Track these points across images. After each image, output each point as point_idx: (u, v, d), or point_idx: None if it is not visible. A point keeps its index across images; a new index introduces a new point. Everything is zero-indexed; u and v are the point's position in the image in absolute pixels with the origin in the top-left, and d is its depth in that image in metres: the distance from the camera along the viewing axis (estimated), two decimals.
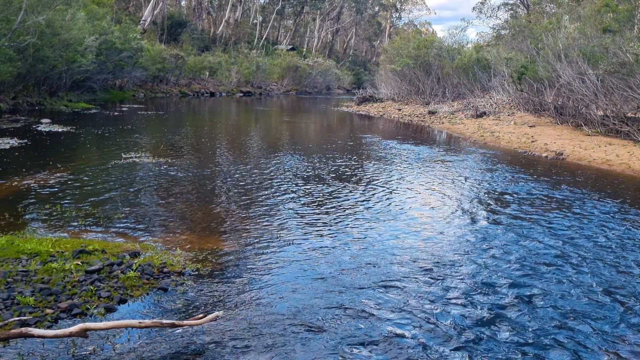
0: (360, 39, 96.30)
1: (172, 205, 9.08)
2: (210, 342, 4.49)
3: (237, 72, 53.31)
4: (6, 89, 23.70)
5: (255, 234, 7.61)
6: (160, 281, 5.68)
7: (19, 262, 5.88)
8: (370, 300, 5.45)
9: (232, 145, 17.51)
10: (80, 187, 9.93)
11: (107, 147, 15.23)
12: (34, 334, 4.15)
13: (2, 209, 8.26)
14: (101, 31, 30.41)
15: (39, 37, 22.66)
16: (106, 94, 34.29)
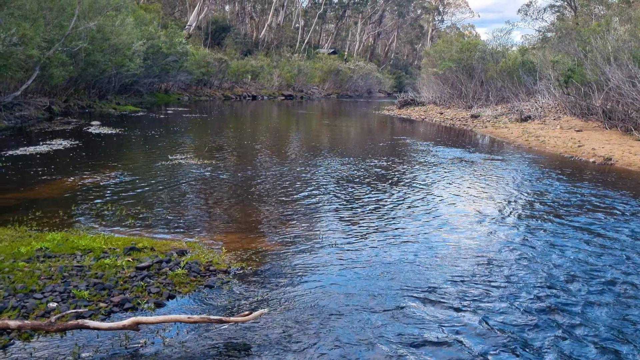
0: (402, 42, 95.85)
1: (217, 206, 9.30)
2: (256, 338, 4.61)
3: (278, 76, 53.85)
4: (59, 92, 24.65)
5: (298, 234, 7.73)
6: (206, 279, 5.85)
7: (74, 258, 6.15)
8: (415, 302, 5.48)
9: (274, 147, 17.74)
10: (129, 187, 10.27)
11: (153, 149, 15.68)
12: (89, 325, 4.36)
13: (56, 207, 8.63)
14: (148, 36, 31.26)
15: (90, 42, 23.48)
16: (152, 97, 35.21)
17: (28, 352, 4.27)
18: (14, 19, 16.91)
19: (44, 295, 5.14)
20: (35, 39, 18.28)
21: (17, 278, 5.44)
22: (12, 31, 16.16)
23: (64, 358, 4.19)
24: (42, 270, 5.69)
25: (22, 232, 7.14)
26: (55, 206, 8.68)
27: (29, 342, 4.42)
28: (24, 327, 4.32)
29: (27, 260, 5.95)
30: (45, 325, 4.31)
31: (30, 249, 6.25)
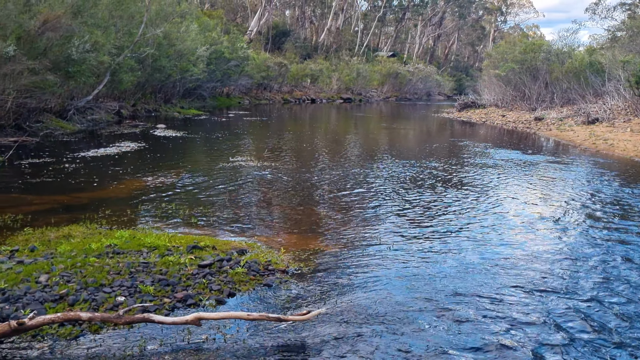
0: (463, 44, 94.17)
1: (276, 207, 9.46)
2: (313, 337, 4.67)
3: (337, 79, 54.08)
4: (127, 97, 25.72)
5: (355, 236, 7.76)
6: (265, 278, 5.97)
7: (140, 255, 6.42)
8: (472, 307, 5.39)
9: (332, 150, 17.84)
10: (192, 188, 10.60)
11: (215, 151, 16.10)
12: (154, 319, 4.54)
13: (124, 206, 9.03)
14: (211, 42, 32.14)
15: (157, 48, 24.40)
16: (214, 101, 36.15)
17: (98, 343, 4.49)
18: (87, 27, 17.80)
19: (112, 289, 5.39)
20: (106, 46, 19.16)
21: (88, 272, 5.73)
22: (86, 39, 17.01)
23: (130, 350, 4.38)
24: (111, 265, 5.97)
25: (93, 230, 7.51)
26: (124, 205, 9.08)
27: (98, 333, 4.65)
28: (94, 319, 4.54)
29: (97, 256, 6.25)
30: (113, 318, 4.52)
31: (100, 246, 6.57)
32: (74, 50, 16.47)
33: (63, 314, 4.54)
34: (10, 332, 4.28)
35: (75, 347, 4.40)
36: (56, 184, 10.63)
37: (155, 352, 4.36)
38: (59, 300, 5.11)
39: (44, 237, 7.11)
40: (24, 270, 5.70)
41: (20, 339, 4.44)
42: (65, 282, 5.49)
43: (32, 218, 8.04)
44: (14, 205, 8.75)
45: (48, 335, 4.54)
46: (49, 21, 15.34)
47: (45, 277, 5.57)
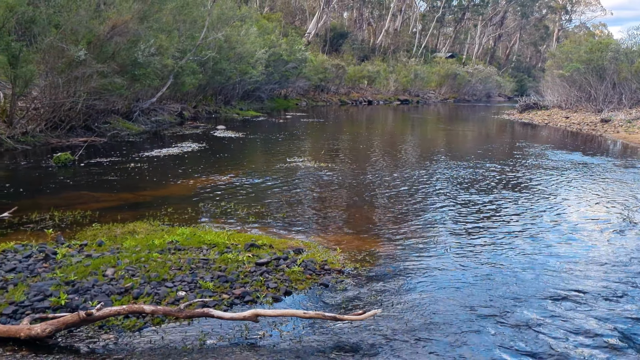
0: (525, 44, 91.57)
1: (332, 207, 9.50)
2: (368, 338, 4.67)
3: (395, 81, 53.72)
4: (189, 99, 26.48)
5: (412, 238, 7.69)
6: (321, 277, 6.01)
7: (201, 251, 6.60)
8: (531, 312, 5.24)
9: (389, 151, 17.74)
10: (250, 187, 10.80)
11: (273, 152, 16.33)
12: (213, 314, 4.65)
13: (185, 204, 9.31)
14: (270, 44, 32.63)
15: (218, 51, 25.00)
16: (272, 103, 36.65)
17: (160, 335, 4.64)
18: (152, 32, 18.46)
19: (174, 284, 5.57)
20: (170, 50, 19.80)
21: (151, 267, 5.94)
22: (151, 42, 17.64)
23: (190, 344, 4.51)
24: (173, 261, 6.16)
25: (156, 226, 7.78)
26: (185, 203, 9.36)
27: (160, 326, 4.81)
28: (156, 312, 4.70)
29: (160, 251, 6.47)
30: (175, 312, 4.67)
31: (162, 242, 6.79)
32: (139, 54, 17.11)
33: (128, 306, 4.73)
34: (79, 322, 4.49)
35: (138, 339, 4.57)
36: (122, 182, 11.08)
37: (214, 347, 4.47)
38: (124, 293, 5.32)
39: (111, 232, 7.42)
40: (92, 264, 5.97)
41: (88, 329, 4.66)
42: (130, 276, 5.71)
43: (100, 214, 8.41)
44: (83, 202, 9.18)
45: (114, 327, 4.73)
46: (117, 26, 16.00)
47: (112, 270, 5.82)
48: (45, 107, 15.89)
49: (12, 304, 5.00)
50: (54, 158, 12.61)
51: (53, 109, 15.84)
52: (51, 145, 14.99)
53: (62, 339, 4.51)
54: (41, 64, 15.11)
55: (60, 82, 15.33)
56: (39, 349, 4.32)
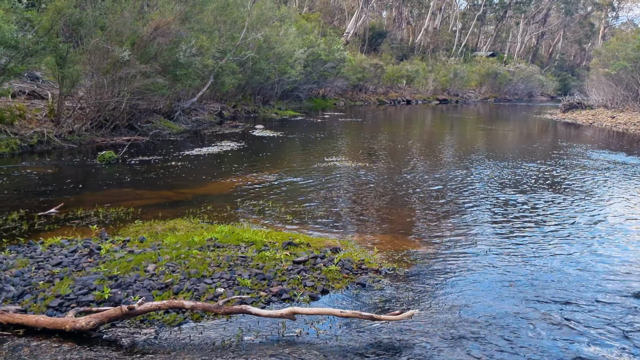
0: (569, 42, 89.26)
1: (369, 207, 9.47)
2: (405, 338, 4.64)
3: (433, 80, 53.16)
4: (228, 99, 26.81)
5: (450, 238, 7.61)
6: (358, 277, 6.01)
7: (239, 249, 6.68)
8: (573, 315, 5.11)
9: (427, 151, 17.57)
10: (288, 186, 10.87)
11: (310, 151, 16.39)
12: (251, 311, 4.71)
13: (224, 202, 9.43)
14: (309, 44, 32.73)
15: (257, 51, 25.24)
16: (310, 103, 36.77)
17: (199, 330, 4.73)
18: (193, 32, 18.78)
19: (213, 280, 5.66)
20: (210, 50, 20.10)
21: (191, 264, 6.05)
22: (192, 43, 17.94)
23: (228, 339, 4.57)
24: (212, 258, 6.26)
25: (196, 224, 7.92)
26: (223, 201, 9.49)
27: (199, 322, 4.89)
28: (196, 308, 4.79)
29: (199, 248, 6.58)
30: (214, 308, 4.75)
31: (202, 239, 6.91)
32: (181, 55, 17.42)
33: (168, 301, 4.83)
34: (122, 316, 4.61)
35: (178, 334, 4.66)
36: (163, 180, 11.31)
37: (251, 343, 4.52)
38: (164, 289, 5.43)
39: (152, 229, 7.59)
40: (134, 259, 6.12)
41: (130, 323, 4.78)
42: (171, 271, 5.83)
43: (142, 211, 8.60)
44: (126, 199, 9.41)
45: (154, 321, 4.84)
46: (160, 27, 16.33)
47: (153, 266, 5.95)
48: (91, 106, 16.34)
49: (58, 297, 5.17)
50: (99, 156, 12.97)
51: (98, 109, 16.28)
52: (96, 144, 15.42)
53: (105, 332, 4.64)
54: (87, 64, 15.56)
55: (105, 83, 15.74)
56: (83, 341, 4.45)
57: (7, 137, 13.58)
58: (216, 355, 4.29)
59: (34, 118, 15.38)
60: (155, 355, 4.27)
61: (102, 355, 4.23)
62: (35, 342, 4.39)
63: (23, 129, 14.45)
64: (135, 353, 4.29)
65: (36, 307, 5.00)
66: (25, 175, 11.23)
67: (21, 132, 14.18)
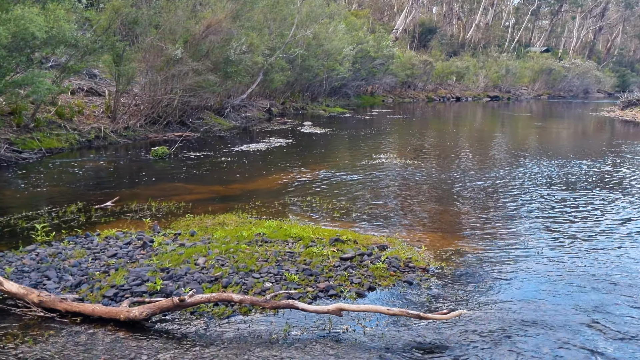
0: (628, 37, 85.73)
1: (417, 205, 9.39)
2: (453, 338, 4.58)
3: (484, 77, 52.08)
4: (277, 96, 27.06)
5: (500, 238, 7.45)
6: (405, 274, 5.97)
7: (286, 244, 6.75)
8: (628, 322, 4.93)
9: (476, 149, 17.25)
10: (335, 183, 10.89)
11: (358, 148, 16.37)
12: (298, 307, 4.75)
13: (272, 197, 9.55)
14: (358, 41, 32.64)
15: (306, 48, 25.37)
16: (358, 100, 36.67)
17: (247, 324, 4.81)
18: (244, 30, 19.05)
19: (260, 275, 5.74)
20: (260, 47, 20.34)
21: (239, 258, 6.16)
22: (242, 41, 18.20)
23: (275, 334, 4.63)
24: (260, 253, 6.35)
25: (244, 219, 8.04)
26: (271, 197, 9.60)
27: (247, 315, 4.97)
28: (244, 302, 4.87)
29: (248, 243, 6.69)
30: (261, 302, 4.81)
31: (250, 234, 7.01)
32: (232, 52, 17.69)
33: (218, 294, 4.93)
34: (173, 307, 4.74)
35: (227, 326, 4.75)
36: (213, 175, 11.53)
37: (298, 338, 4.56)
38: (214, 282, 5.55)
39: (202, 223, 7.76)
40: (185, 252, 6.27)
41: (180, 314, 4.91)
42: (220, 265, 5.95)
43: (193, 205, 8.81)
44: (177, 194, 9.66)
45: (204, 313, 4.95)
46: (212, 25, 16.64)
47: (203, 259, 6.08)
48: (145, 103, 16.82)
49: (113, 287, 5.36)
50: (152, 151, 13.34)
51: (152, 105, 16.74)
52: (149, 140, 15.87)
53: (157, 322, 4.78)
54: (142, 62, 16.02)
55: (158, 80, 16.17)
56: (136, 330, 4.60)
57: (66, 133, 14.14)
58: (264, 348, 4.35)
59: (91, 114, 15.96)
60: (205, 346, 4.37)
61: (155, 345, 4.37)
62: (92, 330, 4.56)
63: (81, 124, 15.02)
64: (186, 344, 4.41)
65: (92, 297, 5.20)
66: (83, 169, 11.67)
67: (80, 128, 14.74)
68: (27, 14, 10.59)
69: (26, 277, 5.57)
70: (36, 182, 10.26)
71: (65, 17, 11.95)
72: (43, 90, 11.43)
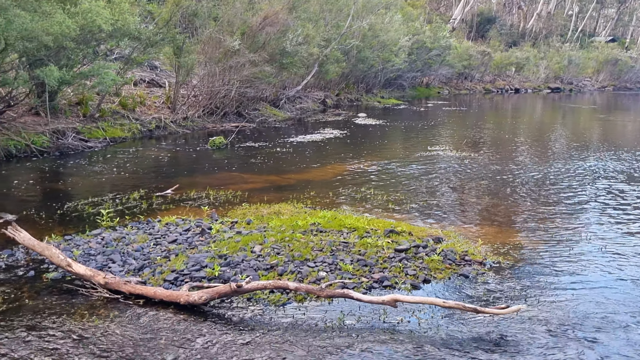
0: None
1: (472, 198, 9.22)
2: (510, 334, 4.50)
3: (545, 67, 50.31)
4: (332, 87, 27.08)
5: (560, 233, 7.23)
6: (461, 268, 5.89)
7: (341, 234, 6.78)
8: None
9: (535, 142, 16.73)
10: (389, 175, 10.83)
11: (413, 140, 16.20)
12: (353, 296, 4.77)
13: (326, 188, 9.59)
14: (414, 32, 32.21)
15: (361, 39, 25.24)
16: (413, 91, 36.23)
17: (302, 311, 4.87)
18: (300, 22, 19.14)
19: (315, 264, 5.80)
20: (316, 39, 20.40)
21: (295, 247, 6.24)
22: (298, 32, 18.31)
23: (330, 321, 4.68)
24: (315, 242, 6.41)
25: (299, 208, 8.13)
26: (326, 187, 9.65)
27: (302, 303, 5.04)
28: (299, 289, 4.93)
29: (302, 232, 6.76)
30: (317, 290, 4.86)
31: (305, 223, 7.08)
32: (288, 43, 17.83)
33: (274, 281, 5.02)
34: (231, 293, 4.86)
35: (282, 313, 4.83)
36: (268, 165, 11.69)
37: (352, 327, 4.60)
38: (269, 269, 5.65)
39: (258, 212, 7.90)
40: (241, 240, 6.41)
41: (237, 300, 5.03)
42: (276, 253, 6.05)
43: (248, 195, 8.97)
44: (234, 183, 9.85)
45: (260, 300, 5.05)
46: (269, 17, 16.81)
47: (259, 247, 6.20)
48: (203, 94, 17.21)
49: (174, 271, 5.54)
50: (210, 142, 13.65)
51: (210, 96, 17.11)
52: (207, 130, 16.24)
53: (215, 307, 4.92)
54: (201, 54, 16.38)
55: (216, 71, 16.50)
56: (196, 314, 4.75)
57: (129, 122, 14.66)
58: (319, 336, 4.41)
59: (152, 105, 16.46)
60: (262, 331, 4.46)
61: (214, 328, 4.49)
62: (154, 312, 4.74)
63: (143, 114, 15.53)
64: (243, 328, 4.52)
65: (154, 280, 5.40)
66: (144, 158, 12.08)
67: (141, 118, 15.25)
68: (94, 7, 11.01)
69: (92, 260, 5.84)
70: (101, 170, 10.70)
71: (130, 10, 12.36)
72: (108, 81, 11.88)
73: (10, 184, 9.49)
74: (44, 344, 4.16)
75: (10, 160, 11.21)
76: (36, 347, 4.12)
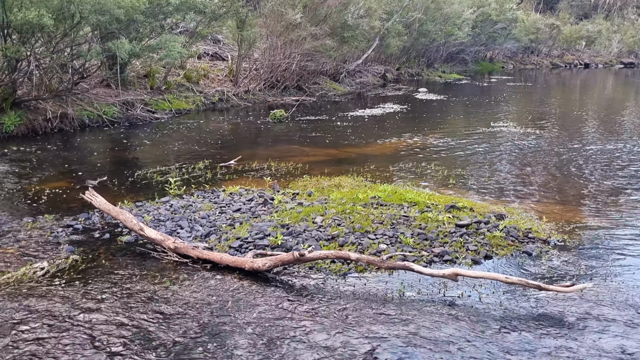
0: None
1: (536, 175, 8.99)
2: (574, 312, 4.42)
3: (618, 42, 47.77)
4: (392, 61, 26.74)
5: (629, 213, 6.97)
6: (524, 245, 5.80)
7: (401, 208, 6.80)
8: None
9: (605, 119, 16.02)
10: (451, 150, 10.70)
11: (475, 116, 15.86)
12: (413, 268, 4.81)
13: (386, 162, 9.60)
14: (479, 4, 31.22)
15: (424, 12, 24.70)
16: (476, 66, 35.27)
17: (362, 282, 4.96)
18: None
19: (376, 236, 5.85)
20: (377, 12, 20.14)
21: (355, 219, 6.31)
22: (360, 5, 18.15)
23: (391, 293, 4.74)
24: (375, 215, 6.46)
25: (359, 182, 8.19)
26: (386, 162, 9.65)
27: (362, 274, 5.13)
28: (360, 260, 5.01)
29: (363, 205, 6.82)
30: (377, 262, 4.93)
31: (365, 196, 7.13)
32: (349, 17, 17.71)
33: (335, 251, 5.12)
34: (293, 261, 5.00)
35: (343, 283, 4.94)
36: (328, 138, 11.77)
37: (412, 299, 4.65)
38: (330, 240, 5.76)
39: (319, 184, 8.01)
40: (303, 211, 6.54)
41: (299, 268, 5.17)
42: (336, 225, 6.14)
43: (309, 167, 9.09)
44: (294, 155, 10.00)
45: (322, 269, 5.17)
46: None
47: (320, 218, 6.31)
48: (264, 68, 17.40)
49: (239, 239, 5.74)
50: (271, 115, 13.85)
51: (271, 70, 17.29)
52: (268, 103, 16.46)
53: (277, 274, 5.08)
54: (263, 27, 16.52)
55: (278, 45, 16.62)
56: (259, 280, 4.93)
57: (193, 95, 15.06)
58: (379, 306, 4.48)
59: (215, 78, 16.80)
60: (324, 299, 4.58)
61: (277, 294, 4.65)
62: (220, 276, 4.95)
63: (206, 87, 15.89)
64: (305, 295, 4.65)
65: (220, 247, 5.61)
66: (208, 129, 12.41)
67: (205, 91, 15.61)
68: None
69: (162, 225, 6.12)
70: (167, 140, 11.09)
71: None
72: (175, 54, 12.21)
73: (85, 152, 10.00)
74: (119, 302, 4.44)
75: (84, 130, 11.79)
76: (110, 305, 4.39)
